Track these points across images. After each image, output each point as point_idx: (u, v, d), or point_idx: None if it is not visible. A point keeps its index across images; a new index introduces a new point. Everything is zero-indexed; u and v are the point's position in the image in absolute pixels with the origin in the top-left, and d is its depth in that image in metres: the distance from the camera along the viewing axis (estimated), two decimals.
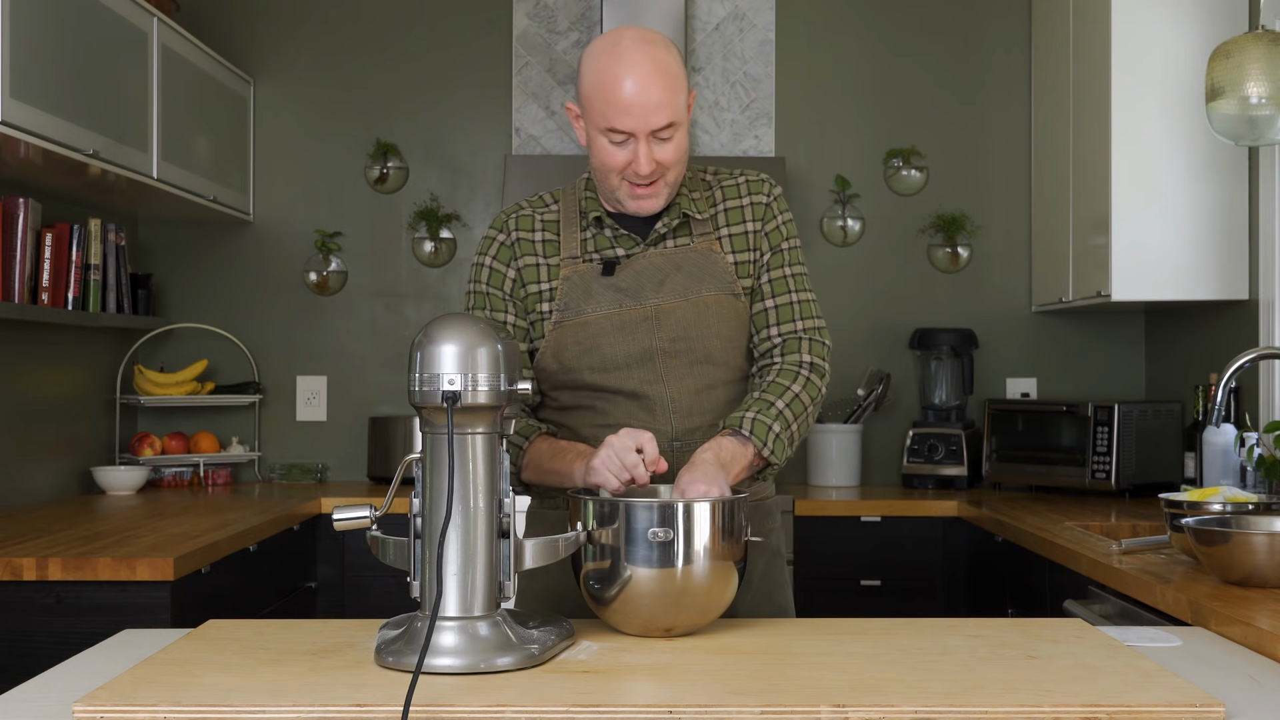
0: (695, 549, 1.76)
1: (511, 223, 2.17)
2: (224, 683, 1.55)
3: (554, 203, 2.19)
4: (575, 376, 2.11)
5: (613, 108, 2.00)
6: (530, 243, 2.15)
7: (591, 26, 4.47)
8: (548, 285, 2.13)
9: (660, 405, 2.09)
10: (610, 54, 2.02)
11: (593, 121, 2.04)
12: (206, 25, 4.40)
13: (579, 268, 2.12)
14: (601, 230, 2.13)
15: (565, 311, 2.10)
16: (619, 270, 2.11)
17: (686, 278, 2.11)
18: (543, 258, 2.14)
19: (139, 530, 3.11)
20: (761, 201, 2.18)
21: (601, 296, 2.10)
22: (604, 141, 2.04)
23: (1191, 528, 2.26)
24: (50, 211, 3.60)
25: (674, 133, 2.03)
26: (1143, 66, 3.68)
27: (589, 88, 2.03)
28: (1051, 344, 4.53)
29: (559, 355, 2.11)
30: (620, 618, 1.80)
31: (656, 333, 2.09)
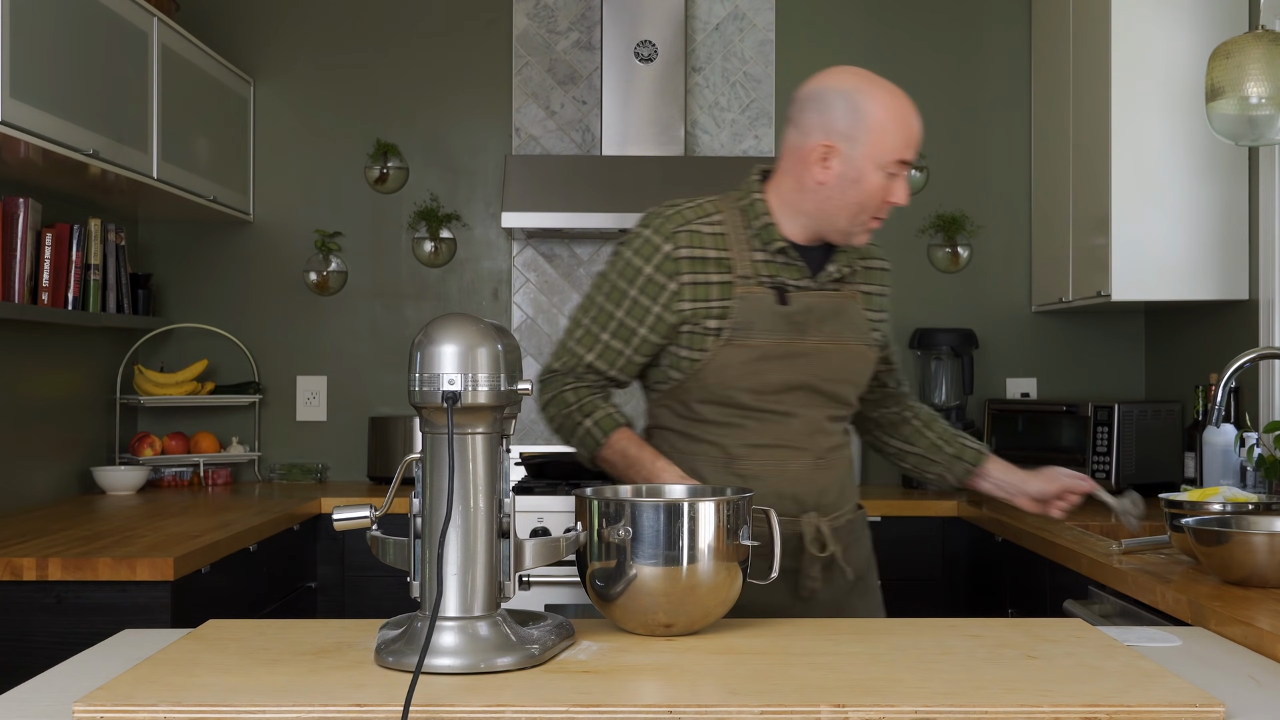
0: (700, 548, 1.77)
1: (682, 236, 2.19)
2: (224, 683, 1.55)
3: (716, 214, 2.23)
4: (730, 395, 2.20)
5: (902, 141, 2.13)
6: (700, 259, 2.18)
7: (591, 27, 4.47)
8: (718, 303, 2.17)
9: (806, 430, 2.23)
10: (892, 93, 2.15)
11: (875, 155, 2.13)
12: (206, 25, 4.40)
13: (753, 290, 2.18)
14: (775, 258, 2.20)
15: (737, 331, 2.17)
16: (791, 300, 2.19)
17: (842, 324, 2.24)
18: (714, 275, 2.18)
19: (139, 530, 3.11)
20: (885, 268, 2.37)
21: (773, 325, 2.18)
22: (880, 176, 2.14)
23: (1191, 528, 2.26)
24: (50, 211, 3.60)
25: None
26: (1143, 66, 3.68)
27: (880, 122, 2.12)
28: (1051, 344, 4.53)
29: (722, 371, 2.18)
30: (623, 615, 1.80)
31: (811, 368, 2.21)
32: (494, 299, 4.53)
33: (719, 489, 1.98)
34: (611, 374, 2.23)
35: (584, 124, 4.50)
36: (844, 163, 2.13)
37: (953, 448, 2.48)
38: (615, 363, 2.21)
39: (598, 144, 4.38)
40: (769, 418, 2.20)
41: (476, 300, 4.53)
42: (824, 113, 2.13)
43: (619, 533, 1.76)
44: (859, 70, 2.17)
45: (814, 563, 2.22)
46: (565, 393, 2.23)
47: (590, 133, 4.49)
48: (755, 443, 2.20)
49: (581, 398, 2.22)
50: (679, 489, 1.95)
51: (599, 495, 1.84)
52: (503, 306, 4.52)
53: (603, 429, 2.20)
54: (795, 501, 2.21)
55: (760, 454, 2.21)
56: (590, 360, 2.22)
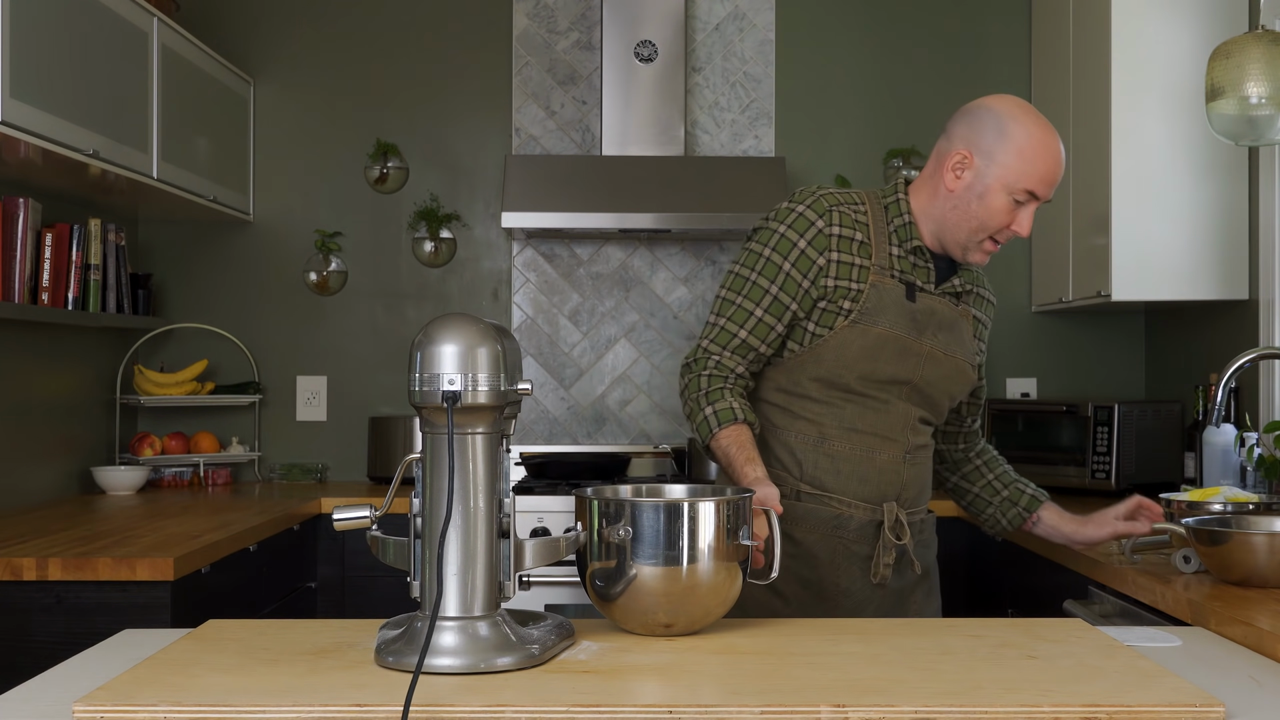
0: (700, 548, 1.77)
1: (835, 215, 2.25)
2: (224, 683, 1.55)
3: (862, 204, 2.29)
4: (840, 376, 2.24)
5: (1039, 175, 2.18)
6: (849, 240, 2.25)
7: (591, 27, 4.47)
8: (855, 285, 2.23)
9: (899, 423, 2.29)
10: (1043, 126, 2.20)
11: (1004, 179, 2.19)
12: (206, 25, 4.40)
13: (886, 281, 2.25)
14: (910, 256, 2.27)
15: (864, 316, 2.23)
16: (918, 299, 2.26)
17: (953, 337, 2.32)
18: (858, 258, 2.25)
19: (139, 530, 3.11)
20: (992, 300, 2.46)
21: (896, 318, 2.24)
22: (1006, 200, 2.20)
23: (1191, 528, 2.26)
24: (50, 211, 3.60)
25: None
26: (1143, 66, 3.68)
27: (1020, 148, 2.18)
28: (1051, 344, 4.53)
29: (841, 350, 2.24)
30: (623, 615, 1.80)
31: (919, 370, 2.27)
32: (494, 299, 4.53)
33: (719, 489, 1.98)
34: (762, 350, 2.25)
35: (584, 124, 4.50)
36: (975, 176, 2.21)
37: (1008, 491, 2.52)
38: (767, 338, 2.25)
39: (598, 144, 4.38)
40: (869, 404, 2.26)
41: (476, 300, 4.53)
42: (973, 126, 2.22)
43: (619, 533, 1.76)
44: (1023, 102, 2.25)
45: (889, 550, 2.27)
46: (701, 377, 2.25)
47: (590, 133, 4.49)
48: (850, 426, 2.26)
49: (713, 385, 2.24)
50: (678, 489, 1.95)
51: (599, 495, 1.84)
52: (503, 306, 4.52)
53: (718, 420, 2.20)
54: (878, 489, 2.27)
55: (853, 438, 2.26)
56: (744, 337, 2.25)
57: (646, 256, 4.51)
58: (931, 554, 2.43)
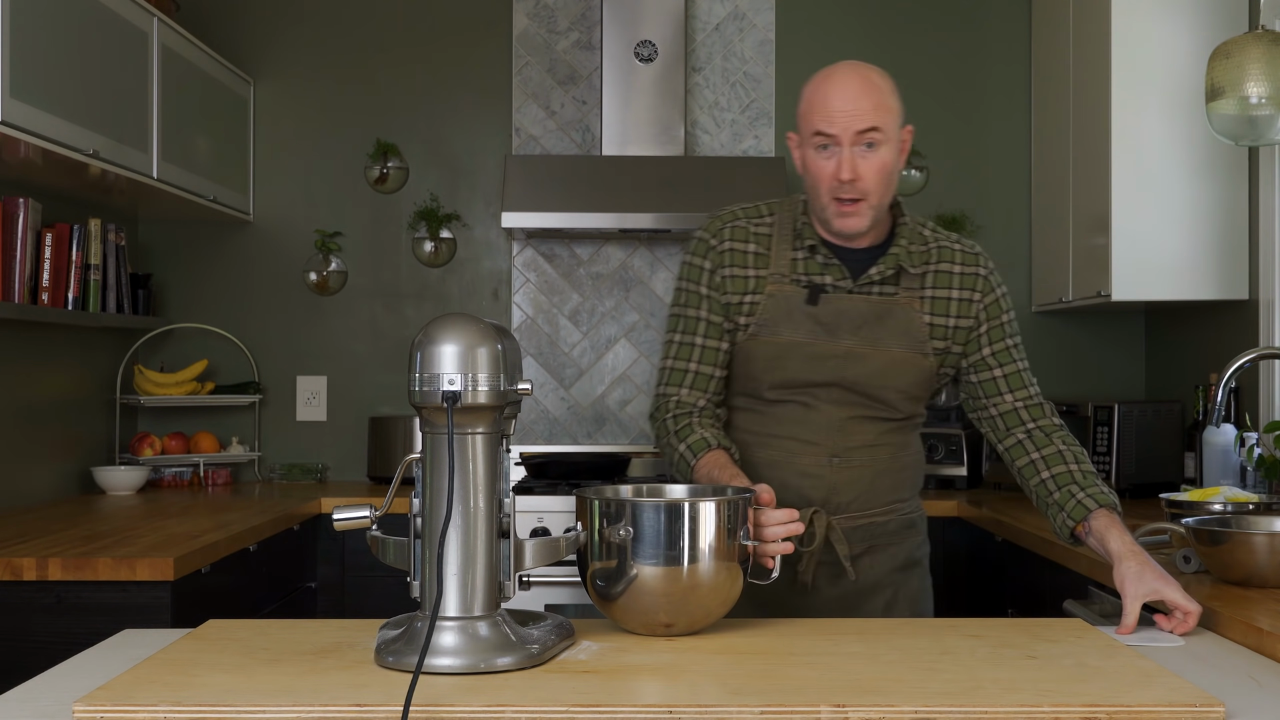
0: (700, 549, 1.77)
1: (726, 231, 2.25)
2: (224, 683, 1.55)
3: (769, 215, 2.27)
4: (753, 388, 2.24)
5: (818, 113, 2.12)
6: (741, 253, 2.23)
7: (591, 27, 4.47)
8: (750, 298, 2.21)
9: (825, 426, 2.22)
10: (824, 73, 2.16)
11: (804, 135, 2.15)
12: (206, 25, 4.40)
13: (785, 288, 2.21)
14: (814, 256, 2.21)
15: (762, 327, 2.20)
16: (823, 302, 2.19)
17: (883, 330, 2.20)
18: (751, 270, 2.23)
19: (139, 530, 3.11)
20: (978, 274, 2.26)
21: (800, 324, 2.19)
22: (812, 154, 2.13)
23: (1191, 528, 2.26)
24: (50, 211, 3.60)
25: (878, 144, 2.11)
26: (1143, 66, 3.68)
27: (803, 106, 2.16)
28: (1051, 344, 4.53)
29: (747, 363, 2.22)
30: (623, 615, 1.80)
31: (841, 371, 2.20)
32: (494, 299, 4.53)
33: (720, 488, 1.98)
34: (718, 374, 2.25)
35: (584, 124, 4.50)
36: (800, 157, 2.19)
37: (1059, 494, 2.17)
38: (717, 360, 2.24)
39: (598, 144, 4.38)
40: (790, 409, 2.23)
41: (476, 300, 4.53)
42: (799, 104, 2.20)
43: (619, 533, 1.76)
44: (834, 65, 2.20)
45: (803, 556, 2.21)
46: (667, 420, 2.24)
47: (590, 133, 4.49)
48: (771, 432, 2.24)
49: (679, 424, 2.23)
50: (679, 489, 1.95)
51: (599, 495, 1.84)
52: (503, 306, 4.52)
53: (693, 452, 2.18)
54: (800, 495, 2.21)
55: (774, 444, 2.24)
56: (695, 369, 2.24)
57: (646, 256, 4.51)
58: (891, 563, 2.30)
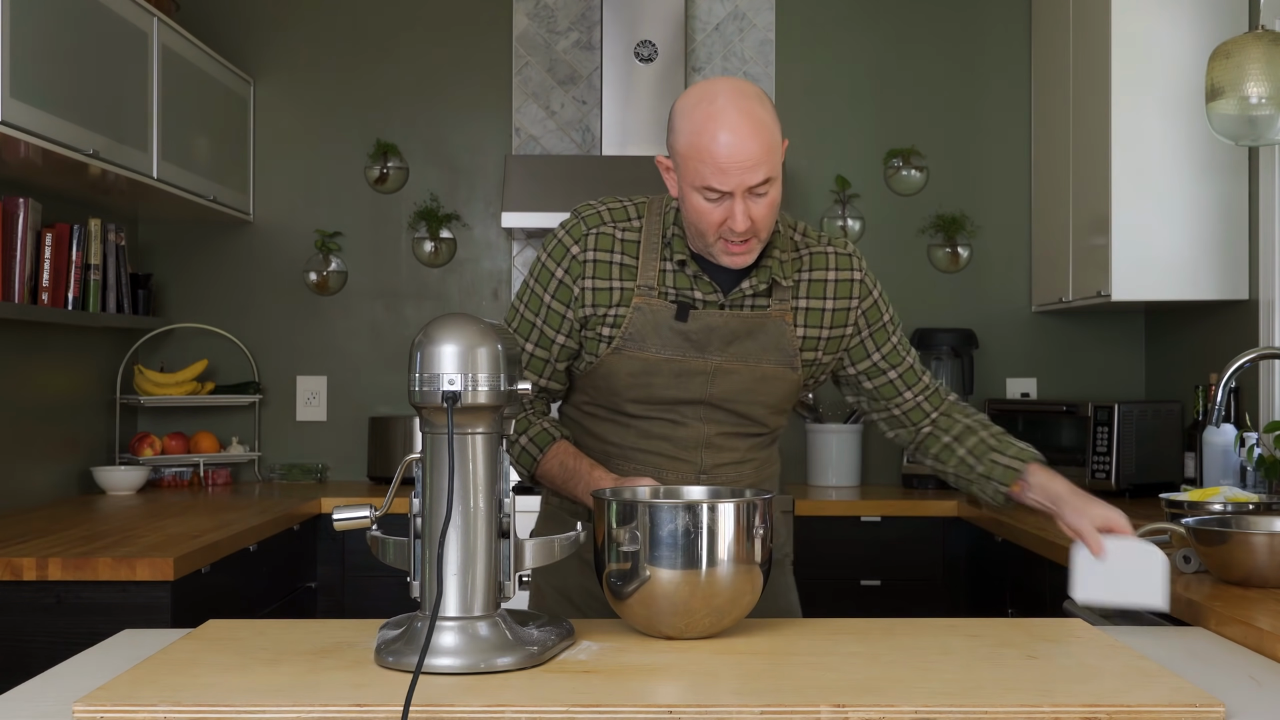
0: (719, 551, 1.74)
1: (590, 239, 2.12)
2: (224, 683, 1.55)
3: (637, 218, 2.14)
4: (616, 401, 2.14)
5: (708, 167, 1.95)
6: (606, 264, 2.11)
7: (591, 27, 4.47)
8: (615, 310, 2.10)
9: (692, 442, 2.14)
10: (705, 111, 1.96)
11: (687, 179, 2.00)
12: (206, 25, 4.40)
13: (652, 302, 2.09)
14: (683, 269, 2.10)
15: (628, 341, 2.10)
16: (691, 318, 2.09)
17: (754, 344, 2.11)
18: (616, 281, 2.11)
19: (139, 530, 3.11)
20: (852, 279, 2.17)
21: (668, 340, 2.09)
22: (699, 199, 1.99)
23: (1191, 528, 2.26)
24: (50, 211, 3.60)
25: (769, 188, 1.98)
26: (1143, 66, 3.68)
27: (684, 145, 1.98)
28: (1051, 344, 4.53)
29: (609, 378, 2.12)
30: (639, 617, 1.79)
31: (709, 387, 2.11)
32: (494, 299, 4.53)
33: (738, 490, 1.94)
34: (542, 384, 2.17)
35: (584, 124, 4.50)
36: (675, 182, 2.06)
37: (983, 465, 2.18)
38: (543, 371, 2.16)
39: (598, 144, 4.38)
40: (655, 424, 2.14)
41: (476, 300, 4.53)
42: (669, 128, 2.05)
43: (636, 535, 1.75)
44: (710, 83, 2.02)
45: None
46: None
47: (590, 133, 4.49)
48: (635, 446, 2.15)
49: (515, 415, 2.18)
50: (697, 490, 1.93)
51: (617, 496, 1.83)
52: (503, 306, 4.51)
53: (538, 445, 2.13)
54: None
55: (641, 458, 2.15)
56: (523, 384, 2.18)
57: None
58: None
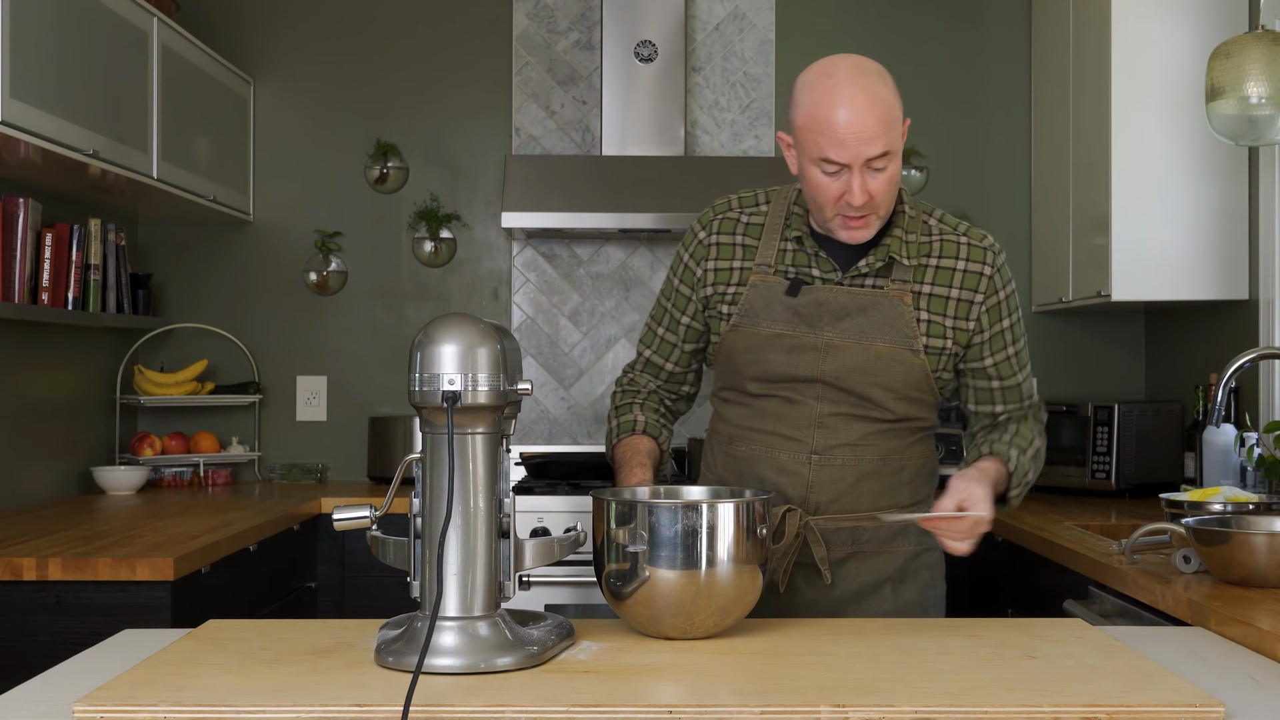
0: (719, 552, 1.75)
1: (715, 223, 2.23)
2: (224, 683, 1.55)
3: (765, 203, 2.23)
4: (739, 381, 2.20)
5: (826, 139, 1.99)
6: (729, 246, 2.21)
7: (591, 27, 4.47)
8: (734, 289, 2.18)
9: (805, 421, 2.16)
10: (825, 85, 2.01)
11: (806, 152, 2.04)
12: (206, 25, 4.40)
13: (768, 279, 2.17)
14: (801, 247, 2.16)
15: (744, 318, 2.17)
16: (803, 294, 2.13)
17: (867, 322, 2.12)
18: (737, 261, 2.19)
19: (139, 530, 3.11)
20: (981, 273, 2.17)
21: (779, 315, 2.15)
22: (817, 173, 2.03)
23: (1191, 528, 2.26)
24: (50, 211, 3.60)
25: (888, 163, 2.02)
26: (1143, 66, 3.68)
27: (803, 118, 2.02)
28: (1051, 344, 4.53)
29: (730, 357, 2.20)
30: (638, 617, 1.79)
31: (821, 364, 2.13)
32: (494, 299, 4.53)
33: (738, 491, 1.95)
34: (668, 367, 2.29)
35: (584, 124, 4.50)
36: (795, 157, 2.09)
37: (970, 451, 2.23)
38: (670, 355, 2.28)
39: (598, 144, 4.38)
40: (773, 403, 2.18)
41: (476, 300, 4.53)
42: (790, 103, 2.09)
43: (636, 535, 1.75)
44: (831, 59, 2.06)
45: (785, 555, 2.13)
46: (615, 395, 2.33)
47: (590, 133, 4.49)
48: (753, 426, 2.20)
49: (623, 400, 2.30)
50: (697, 490, 1.93)
51: (616, 496, 1.83)
52: (503, 306, 4.52)
53: (619, 431, 2.26)
54: (777, 491, 2.15)
55: (755, 438, 2.19)
56: (648, 356, 2.31)
57: (646, 256, 4.51)
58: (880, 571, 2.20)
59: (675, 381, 2.32)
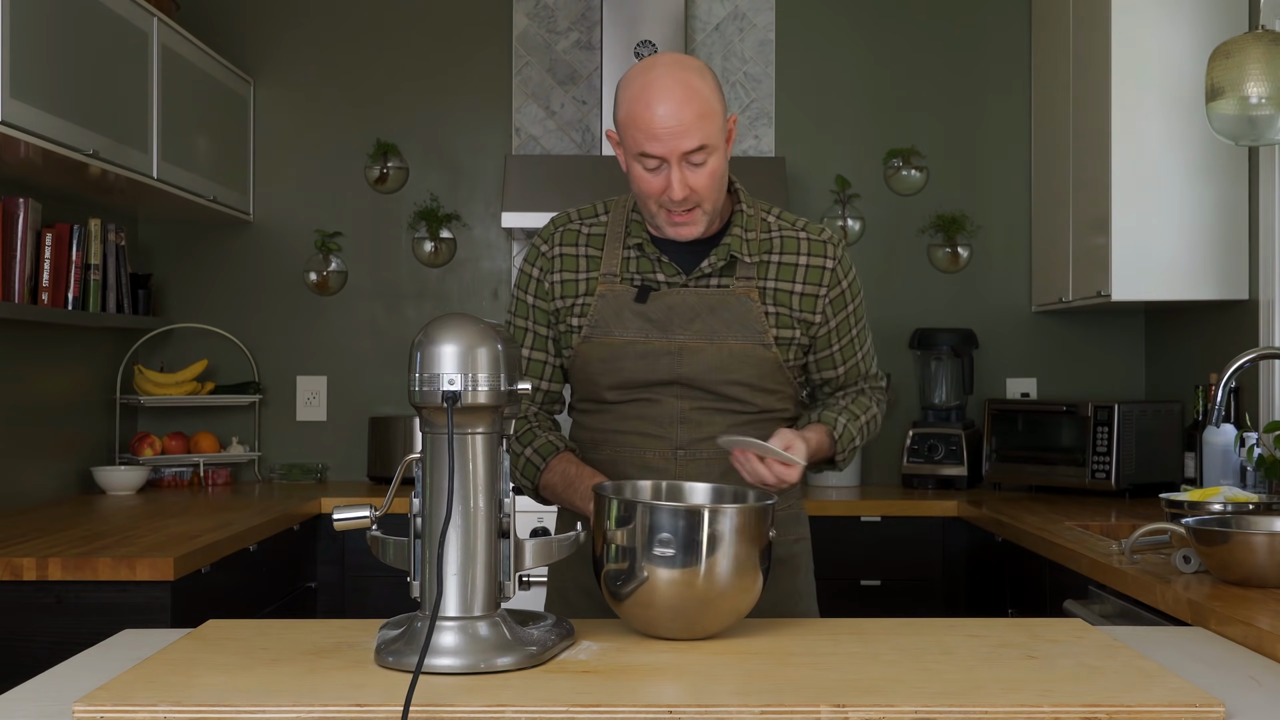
0: (717, 555, 1.73)
1: (557, 236, 2.20)
2: (224, 683, 1.55)
3: (604, 214, 2.21)
4: (595, 390, 2.18)
5: (643, 133, 2.01)
6: (573, 258, 2.19)
7: (591, 27, 4.47)
8: (582, 300, 2.16)
9: (667, 419, 2.15)
10: (641, 80, 2.03)
11: (628, 148, 2.05)
12: (206, 25, 4.40)
13: (615, 288, 2.15)
14: (644, 254, 2.15)
15: (594, 329, 2.15)
16: (652, 299, 2.13)
17: (717, 321, 2.13)
18: (583, 273, 2.18)
19: (139, 530, 3.11)
20: (824, 266, 2.17)
21: (630, 322, 2.13)
22: (639, 168, 2.05)
23: (1191, 528, 2.26)
24: (50, 211, 3.60)
25: (706, 157, 2.02)
26: (1143, 66, 3.68)
27: (623, 115, 2.04)
28: (1051, 344, 4.53)
29: (585, 368, 2.17)
30: (636, 617, 1.78)
31: (677, 367, 2.13)
32: (494, 299, 4.53)
33: (740, 492, 1.92)
34: (544, 386, 2.21)
35: (584, 124, 4.50)
36: (622, 155, 2.10)
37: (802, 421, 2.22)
38: (544, 374, 2.21)
39: (598, 144, 4.38)
40: (632, 407, 2.16)
41: (476, 300, 4.53)
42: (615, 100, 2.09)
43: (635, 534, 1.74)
44: (652, 57, 2.08)
45: None
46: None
47: (590, 133, 4.49)
48: (615, 428, 2.18)
49: (520, 430, 2.20)
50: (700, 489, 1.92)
51: (618, 495, 1.82)
52: (503, 306, 4.51)
53: (542, 455, 2.17)
54: None
55: (617, 439, 2.17)
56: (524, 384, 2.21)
57: None
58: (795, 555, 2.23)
59: (550, 400, 2.24)
